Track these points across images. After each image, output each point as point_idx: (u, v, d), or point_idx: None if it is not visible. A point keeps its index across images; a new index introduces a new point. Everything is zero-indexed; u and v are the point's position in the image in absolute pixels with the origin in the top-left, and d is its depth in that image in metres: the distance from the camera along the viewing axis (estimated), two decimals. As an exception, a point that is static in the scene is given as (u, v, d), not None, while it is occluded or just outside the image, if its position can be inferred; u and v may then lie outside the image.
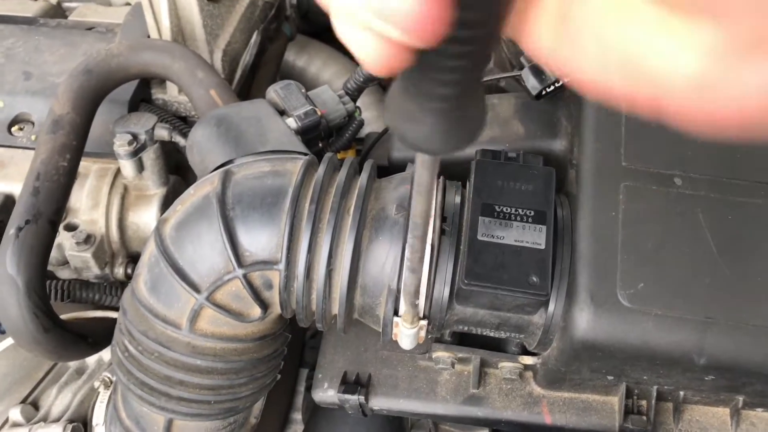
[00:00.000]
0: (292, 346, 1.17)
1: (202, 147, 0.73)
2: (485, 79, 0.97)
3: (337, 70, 1.34)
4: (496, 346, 0.72)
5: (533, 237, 0.60)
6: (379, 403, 0.74)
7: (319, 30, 1.61)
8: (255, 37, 0.98)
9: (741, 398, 0.66)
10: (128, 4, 1.10)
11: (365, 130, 1.29)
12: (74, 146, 0.76)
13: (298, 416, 1.17)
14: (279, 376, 0.76)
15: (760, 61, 0.20)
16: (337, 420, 0.89)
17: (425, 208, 0.41)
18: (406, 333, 0.63)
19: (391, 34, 0.23)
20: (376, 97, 1.35)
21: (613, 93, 0.25)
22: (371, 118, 1.28)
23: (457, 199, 0.65)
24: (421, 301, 0.62)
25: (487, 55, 0.25)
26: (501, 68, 1.12)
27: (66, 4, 1.23)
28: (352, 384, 0.74)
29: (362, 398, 0.73)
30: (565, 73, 0.26)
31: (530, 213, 0.61)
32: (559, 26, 0.25)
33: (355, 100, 0.87)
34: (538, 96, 0.71)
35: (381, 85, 1.65)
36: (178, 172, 0.94)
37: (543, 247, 0.59)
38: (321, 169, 0.65)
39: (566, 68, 0.26)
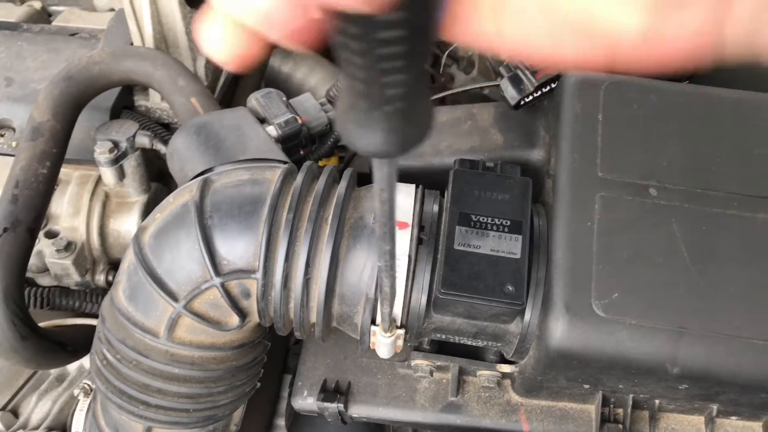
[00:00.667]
0: (276, 352, 1.17)
1: (182, 155, 0.73)
2: (469, 87, 0.97)
3: (322, 76, 1.34)
4: (475, 354, 0.73)
5: (509, 246, 0.60)
6: (359, 410, 0.74)
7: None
8: (238, 45, 0.98)
9: (715, 407, 0.66)
10: (112, 9, 1.10)
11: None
12: (54, 154, 0.76)
13: (281, 422, 1.16)
14: (259, 384, 0.76)
15: (685, 12, 0.26)
16: (319, 426, 0.89)
17: (390, 211, 0.40)
18: (384, 342, 0.63)
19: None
20: (361, 104, 1.35)
21: (566, 60, 0.29)
22: (356, 125, 1.28)
23: (435, 208, 0.65)
24: (398, 310, 0.62)
25: (425, 47, 0.26)
26: (485, 76, 1.13)
27: (51, 8, 1.23)
28: (331, 392, 0.74)
29: (341, 406, 0.73)
30: (513, 52, 0.29)
31: (506, 223, 0.61)
32: (499, 8, 0.27)
33: (337, 108, 0.87)
34: (517, 106, 0.72)
35: None
36: (160, 179, 0.94)
37: (518, 256, 0.60)
38: (299, 178, 0.65)
39: (514, 47, 0.29)
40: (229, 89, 1.00)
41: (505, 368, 0.70)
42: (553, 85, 0.71)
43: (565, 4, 0.27)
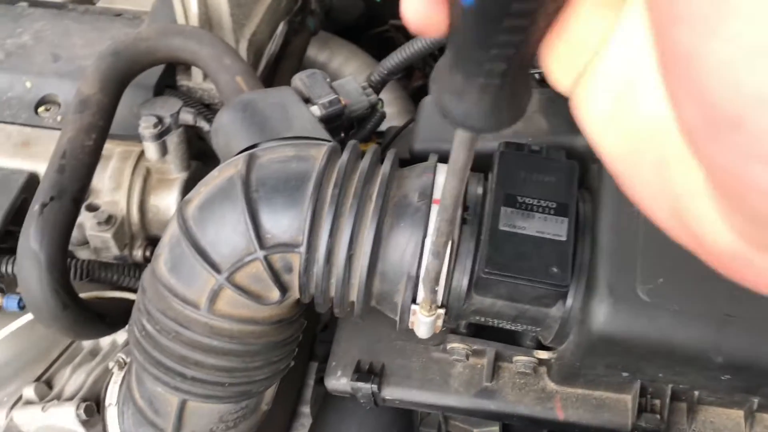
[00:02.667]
0: (303, 338, 1.18)
1: (227, 131, 0.73)
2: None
3: (358, 66, 1.35)
4: (511, 340, 0.72)
5: (555, 229, 0.60)
6: (392, 393, 0.74)
7: (340, 29, 1.63)
8: (281, 29, 0.99)
9: (756, 400, 0.65)
10: (156, -8, 1.11)
11: (386, 125, 1.30)
12: (100, 126, 0.77)
13: (306, 409, 1.17)
14: (293, 363, 0.77)
15: None
16: (347, 413, 0.89)
17: (458, 191, 0.40)
18: (424, 321, 0.63)
19: None
20: (398, 94, 1.36)
21: (633, 189, 0.25)
22: (392, 114, 1.29)
23: (479, 190, 0.65)
24: (440, 290, 0.62)
25: (542, 31, 0.25)
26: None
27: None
28: (365, 373, 0.75)
29: (375, 387, 0.73)
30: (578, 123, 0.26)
31: (552, 205, 0.61)
32: (577, 72, 0.25)
33: (378, 93, 0.88)
34: (563, 92, 0.72)
35: (407, 77, 1.66)
36: (199, 159, 0.95)
37: (564, 239, 0.59)
38: (345, 156, 0.66)
39: (580, 119, 0.26)
40: (270, 73, 1.01)
41: (543, 354, 0.70)
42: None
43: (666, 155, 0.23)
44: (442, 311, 0.63)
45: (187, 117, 0.84)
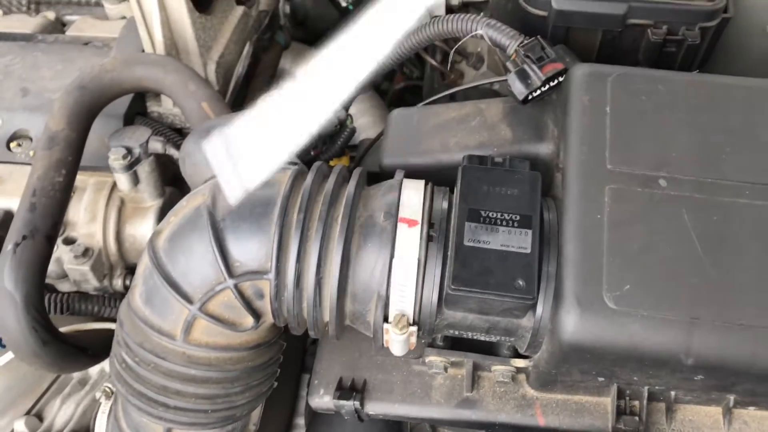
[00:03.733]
0: (294, 352, 1.18)
1: (194, 159, 0.74)
2: (479, 83, 0.97)
3: (333, 77, 1.34)
4: (489, 349, 0.73)
5: (519, 241, 0.60)
6: (375, 408, 0.75)
7: (317, 37, 1.63)
8: (247, 49, 0.99)
9: (732, 397, 0.66)
10: (124, 17, 1.12)
11: (360, 135, 1.29)
12: (70, 161, 0.77)
13: (301, 421, 1.17)
14: (276, 384, 0.77)
15: None
16: (336, 424, 0.90)
17: None
18: (397, 339, 0.64)
19: None
20: (372, 103, 1.36)
21: None
22: (367, 125, 1.29)
23: (445, 205, 0.65)
24: (410, 307, 0.63)
25: None
26: (494, 72, 1.13)
27: (66, 18, 1.25)
28: (347, 390, 0.75)
29: (357, 404, 0.74)
30: None
31: (516, 218, 0.61)
32: None
33: (347, 108, 0.88)
34: (525, 100, 0.72)
35: (378, 90, 1.66)
36: (175, 184, 0.95)
37: (529, 251, 0.60)
38: (309, 179, 0.66)
39: None
40: (240, 93, 1.01)
41: (520, 363, 0.70)
42: (560, 79, 0.71)
43: None
44: (414, 328, 0.63)
45: (156, 145, 0.84)
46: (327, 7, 1.56)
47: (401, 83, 1.77)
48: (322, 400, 0.76)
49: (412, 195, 0.66)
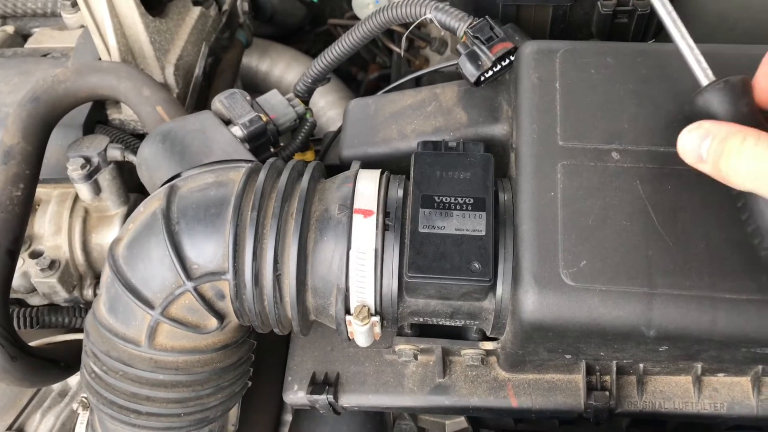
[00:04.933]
0: (278, 348, 1.17)
1: (149, 164, 0.73)
2: (441, 66, 0.97)
3: (300, 71, 1.34)
4: (458, 334, 0.73)
5: (473, 224, 0.60)
6: (349, 400, 0.75)
7: (286, 32, 1.62)
8: (203, 49, 0.98)
9: (699, 365, 0.66)
10: (83, 26, 1.11)
11: (332, 128, 1.29)
12: (27, 175, 0.77)
13: (289, 417, 1.17)
14: (250, 383, 0.77)
15: None
16: (318, 418, 0.89)
17: None
18: (360, 330, 0.63)
19: None
20: (342, 95, 1.35)
21: None
22: (337, 116, 1.28)
23: (400, 193, 0.65)
24: (371, 297, 0.62)
25: None
26: (457, 55, 1.12)
27: (30, 30, 1.24)
28: (320, 384, 0.75)
29: (331, 397, 0.74)
30: None
31: (470, 201, 0.61)
32: None
33: (306, 102, 0.87)
34: (477, 82, 0.71)
35: (355, 80, 1.65)
36: (141, 190, 0.95)
37: (483, 233, 0.59)
38: (261, 175, 0.65)
39: None
40: (202, 93, 1.00)
41: (488, 345, 0.70)
42: (511, 58, 0.71)
43: None
44: (376, 318, 0.63)
45: (115, 153, 0.83)
46: (293, 3, 1.56)
47: (375, 73, 1.76)
48: (297, 395, 0.76)
49: (367, 185, 0.65)
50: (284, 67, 1.34)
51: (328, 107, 1.28)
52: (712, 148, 0.52)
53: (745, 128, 0.50)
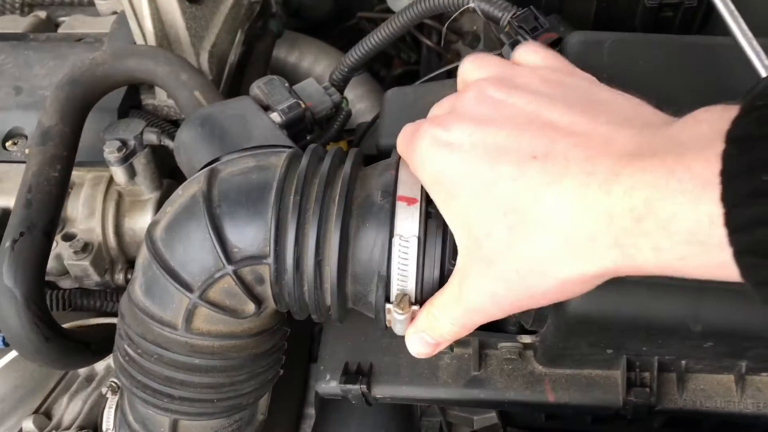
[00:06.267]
0: (301, 341, 1.17)
1: (188, 148, 0.73)
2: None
3: (329, 63, 1.34)
4: (495, 326, 0.72)
5: (519, 214, 0.59)
6: (382, 391, 0.74)
7: (311, 26, 1.62)
8: (239, 37, 0.98)
9: (744, 364, 0.65)
10: (115, 12, 1.11)
11: (359, 121, 1.28)
12: (64, 157, 0.77)
13: (311, 411, 1.17)
14: (282, 371, 0.77)
15: None
16: (346, 410, 0.89)
17: None
18: (399, 319, 0.63)
19: None
20: (369, 87, 1.35)
21: None
22: (365, 110, 1.28)
23: (443, 181, 0.64)
24: (412, 286, 0.62)
25: None
26: (491, 50, 1.11)
27: (59, 19, 1.24)
28: (353, 374, 0.74)
29: (364, 387, 0.73)
30: None
31: (515, 190, 0.60)
32: None
33: (341, 91, 0.87)
34: (521, 72, 0.70)
35: (377, 77, 1.65)
36: (173, 176, 0.94)
37: (529, 223, 0.59)
38: (304, 161, 0.65)
39: None
40: (234, 82, 1.00)
41: (526, 339, 0.69)
42: (556, 49, 0.70)
43: None
44: (416, 307, 0.62)
45: (152, 137, 0.83)
46: (321, -4, 1.56)
47: (399, 69, 1.75)
48: (329, 385, 0.75)
49: (410, 172, 0.65)
50: (313, 60, 1.33)
51: (357, 100, 1.27)
52: None
53: None
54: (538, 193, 0.41)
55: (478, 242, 0.46)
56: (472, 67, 0.55)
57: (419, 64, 1.68)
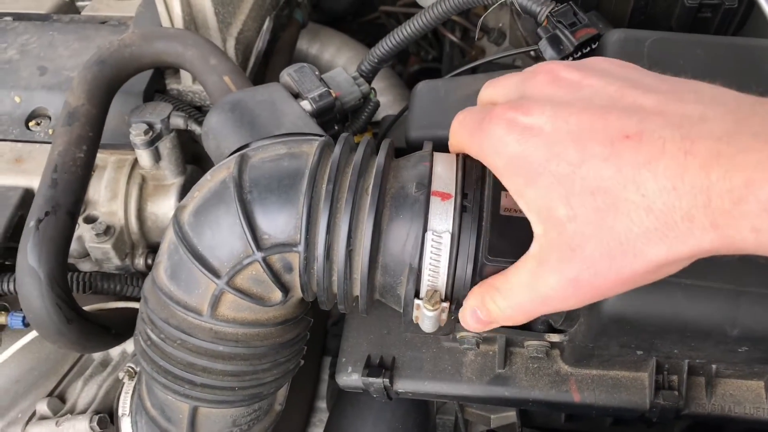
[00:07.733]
0: (315, 333, 1.17)
1: (217, 133, 0.72)
2: (500, 56, 0.95)
3: (350, 56, 1.33)
4: (521, 324, 0.71)
5: (556, 210, 0.58)
6: (404, 385, 0.73)
7: (331, 19, 1.61)
8: (267, 24, 0.97)
9: (776, 370, 0.64)
10: (139, -4, 1.10)
11: (381, 114, 1.28)
12: (90, 137, 0.76)
13: (322, 404, 1.17)
14: (302, 362, 0.76)
15: None
16: (362, 405, 0.88)
17: None
18: (428, 315, 0.62)
19: None
20: (392, 81, 1.34)
21: None
22: (387, 102, 1.27)
23: (478, 174, 0.63)
24: (443, 282, 0.61)
25: None
26: (516, 47, 1.10)
27: (79, 3, 1.24)
28: (376, 367, 0.74)
29: (387, 381, 0.72)
30: None
31: (552, 185, 0.59)
32: None
33: (369, 82, 0.86)
34: (557, 68, 0.70)
35: (403, 62, 1.64)
36: (195, 162, 0.94)
37: (566, 219, 0.58)
38: (337, 150, 0.64)
39: None
40: (260, 70, 0.99)
41: (554, 337, 0.68)
42: (593, 45, 0.69)
43: None
44: (446, 304, 0.62)
45: (178, 121, 0.82)
46: (341, -11, 1.55)
47: (415, 66, 1.75)
48: (350, 378, 0.75)
49: (445, 166, 0.64)
50: (335, 51, 1.32)
51: (379, 93, 1.26)
52: None
53: None
54: (632, 173, 0.39)
55: (560, 227, 0.44)
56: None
57: (437, 61, 1.68)
